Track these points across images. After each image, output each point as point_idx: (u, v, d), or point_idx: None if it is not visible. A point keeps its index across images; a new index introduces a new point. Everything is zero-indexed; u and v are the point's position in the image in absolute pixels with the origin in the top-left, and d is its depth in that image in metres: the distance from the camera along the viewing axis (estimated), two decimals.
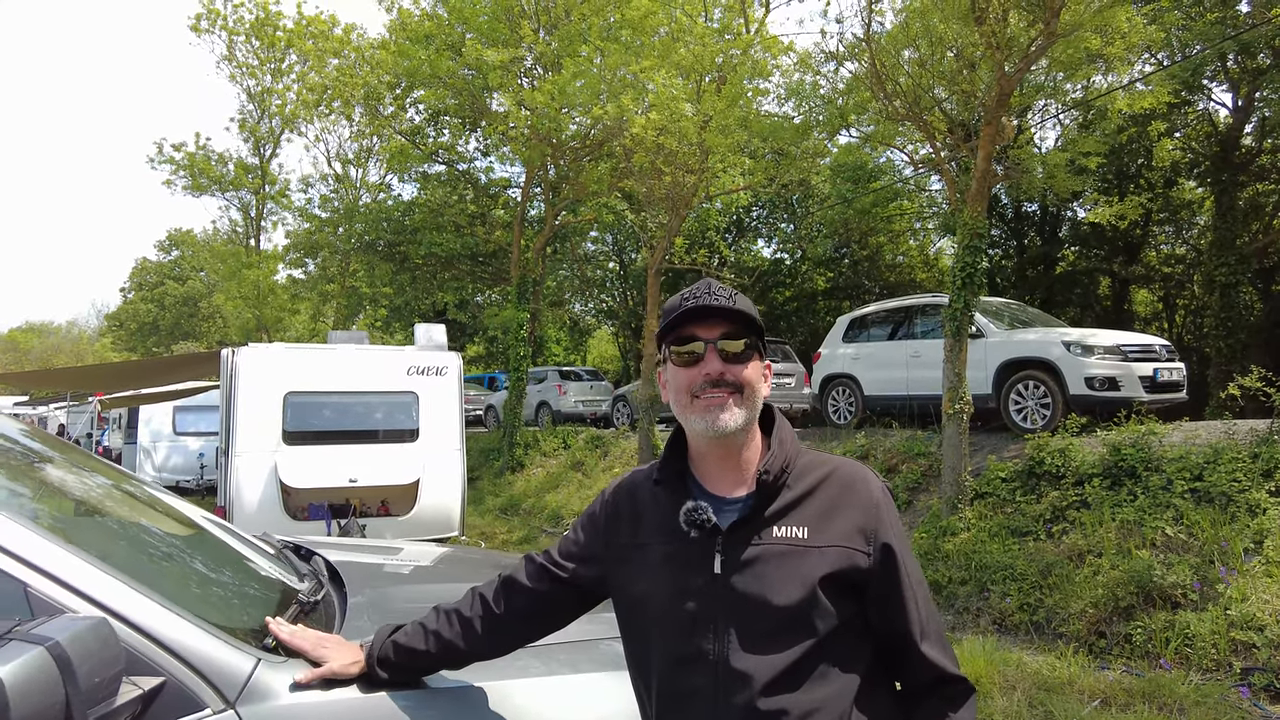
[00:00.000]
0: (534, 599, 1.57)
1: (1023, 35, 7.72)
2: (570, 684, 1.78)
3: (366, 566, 2.66)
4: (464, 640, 1.57)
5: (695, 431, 1.38)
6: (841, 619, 1.30)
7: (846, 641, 1.31)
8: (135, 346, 39.64)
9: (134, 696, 1.33)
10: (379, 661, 1.58)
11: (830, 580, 1.29)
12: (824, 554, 1.30)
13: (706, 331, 1.37)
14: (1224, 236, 14.44)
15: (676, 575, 1.36)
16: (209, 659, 1.45)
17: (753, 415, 1.39)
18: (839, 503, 1.35)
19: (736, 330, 1.37)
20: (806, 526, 1.32)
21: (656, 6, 11.54)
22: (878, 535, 1.33)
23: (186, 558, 2.01)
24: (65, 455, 2.14)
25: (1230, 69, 14.15)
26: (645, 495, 1.48)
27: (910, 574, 1.35)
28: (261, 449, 7.73)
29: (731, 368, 1.36)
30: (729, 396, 1.35)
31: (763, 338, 1.41)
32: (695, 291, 1.38)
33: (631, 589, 1.44)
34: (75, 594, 1.37)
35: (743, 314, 1.36)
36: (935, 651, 1.34)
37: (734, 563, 1.32)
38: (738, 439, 1.38)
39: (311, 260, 21.01)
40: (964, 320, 7.93)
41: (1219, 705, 4.51)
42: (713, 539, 1.34)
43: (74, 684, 1.18)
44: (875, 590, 1.33)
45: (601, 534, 1.52)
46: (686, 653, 1.33)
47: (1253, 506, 5.91)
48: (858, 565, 1.31)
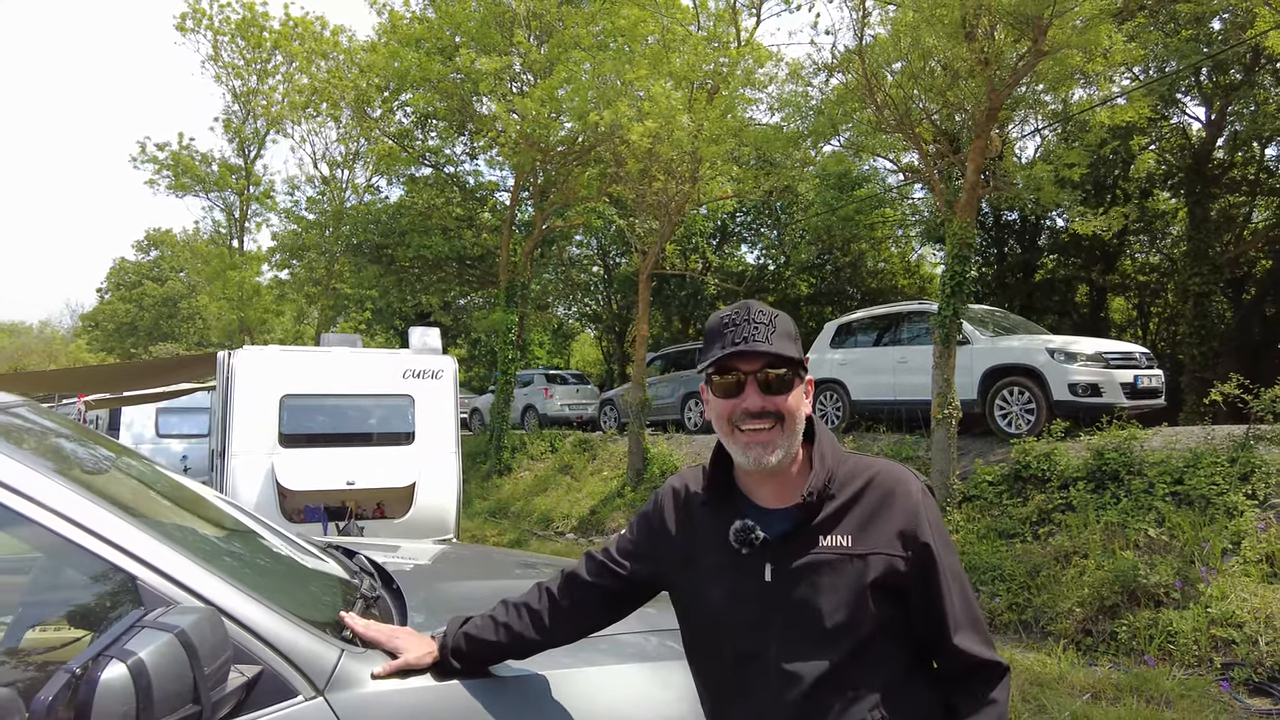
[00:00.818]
0: (596, 593, 1.67)
1: (1010, 51, 7.94)
2: (626, 673, 1.89)
3: (410, 566, 2.74)
4: (533, 630, 1.67)
5: (738, 460, 1.44)
6: (887, 620, 1.37)
7: (890, 639, 1.39)
8: (112, 348, 39.06)
9: (241, 683, 1.42)
10: (453, 652, 1.67)
11: (876, 586, 1.36)
12: (868, 561, 1.37)
13: (747, 364, 1.40)
14: (1197, 247, 14.84)
15: (730, 583, 1.44)
16: (300, 649, 1.54)
17: (795, 442, 1.43)
18: (880, 509, 1.41)
19: (776, 360, 1.39)
20: (851, 534, 1.39)
21: (647, 15, 11.69)
22: (917, 536, 1.39)
23: (257, 554, 2.09)
24: (133, 459, 2.22)
25: (1204, 84, 14.56)
26: (696, 508, 1.55)
27: (947, 570, 1.40)
28: (258, 451, 7.74)
29: (773, 399, 1.39)
30: (770, 427, 1.39)
31: (804, 363, 1.45)
32: (736, 321, 1.40)
33: (687, 593, 1.54)
34: (181, 588, 1.46)
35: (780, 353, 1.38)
36: (969, 641, 1.39)
37: (784, 572, 1.39)
38: (782, 466, 1.42)
39: (297, 261, 20.89)
40: (953, 328, 8.13)
41: (1201, 698, 4.70)
42: (764, 551, 1.41)
43: (199, 668, 1.28)
44: (915, 590, 1.40)
45: (656, 536, 1.61)
46: (740, 654, 1.42)
47: (1230, 509, 6.14)
48: (897, 569, 1.37)
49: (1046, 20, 7.26)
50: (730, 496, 1.49)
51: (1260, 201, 16.98)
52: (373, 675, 1.61)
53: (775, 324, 1.41)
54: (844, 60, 9.45)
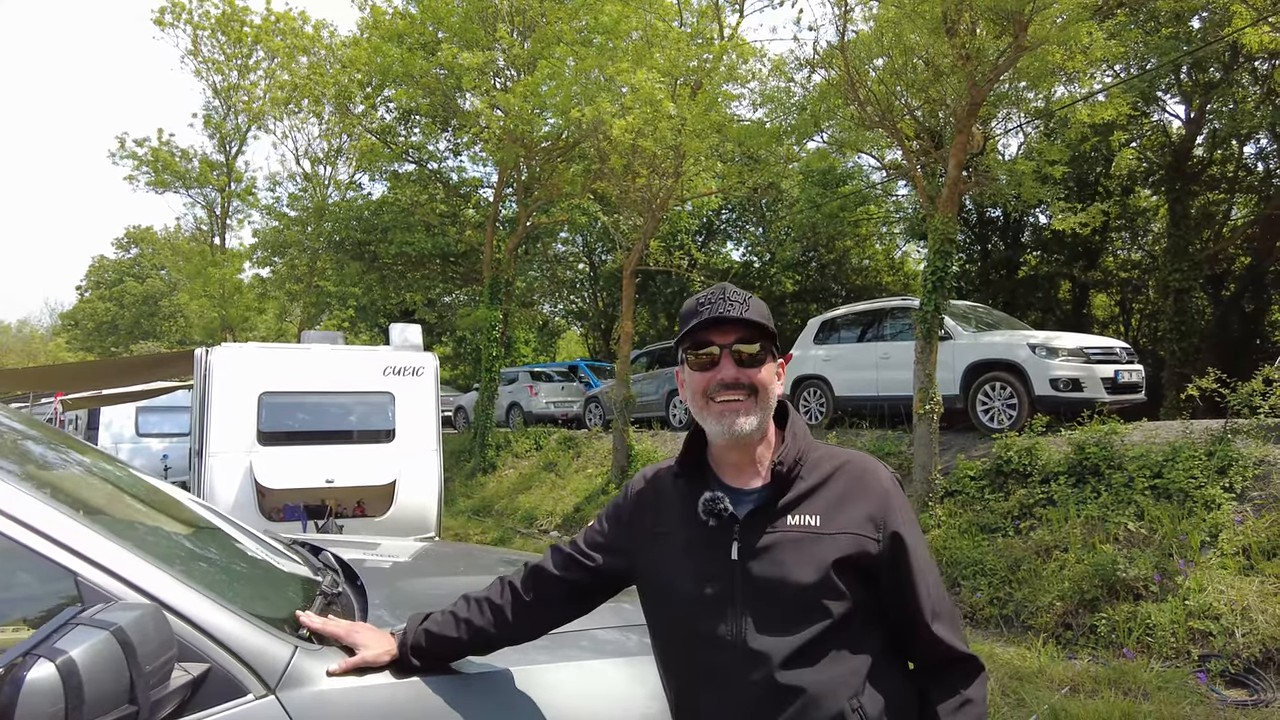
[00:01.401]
0: (562, 587, 1.64)
1: (991, 47, 7.95)
2: (592, 669, 1.86)
3: (374, 561, 2.70)
4: (495, 626, 1.64)
5: (712, 433, 1.46)
6: (854, 602, 1.37)
7: (859, 624, 1.38)
8: (92, 346, 38.63)
9: (185, 681, 1.37)
10: (412, 649, 1.63)
11: (842, 564, 1.36)
12: (835, 540, 1.37)
13: (721, 337, 1.43)
14: (1177, 243, 14.97)
15: (697, 561, 1.44)
16: (251, 647, 1.49)
17: (767, 416, 1.46)
18: (850, 493, 1.42)
19: (750, 335, 1.43)
20: (819, 515, 1.40)
21: (630, 11, 11.64)
22: (887, 524, 1.40)
23: (213, 550, 2.04)
24: (91, 455, 2.16)
25: (1183, 82, 14.67)
26: (667, 488, 1.56)
27: (919, 559, 1.41)
28: (236, 449, 7.65)
29: (746, 371, 1.42)
30: (744, 400, 1.42)
31: (776, 340, 1.48)
32: (711, 299, 1.44)
33: (655, 574, 1.52)
34: (124, 584, 1.41)
35: (756, 322, 1.43)
36: (946, 632, 1.40)
37: (750, 549, 1.39)
38: (753, 438, 1.45)
39: (279, 259, 20.71)
40: (934, 323, 8.14)
41: (1179, 690, 4.72)
42: (730, 527, 1.41)
43: (137, 667, 1.23)
44: (886, 576, 1.40)
45: (626, 525, 1.60)
46: (707, 634, 1.40)
47: (1208, 502, 6.17)
48: (867, 551, 1.38)
49: (1027, 16, 7.28)
50: (702, 475, 1.51)
51: (1239, 199, 17.15)
52: (328, 673, 1.57)
53: (750, 303, 1.44)
54: (826, 56, 9.44)
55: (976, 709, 1.39)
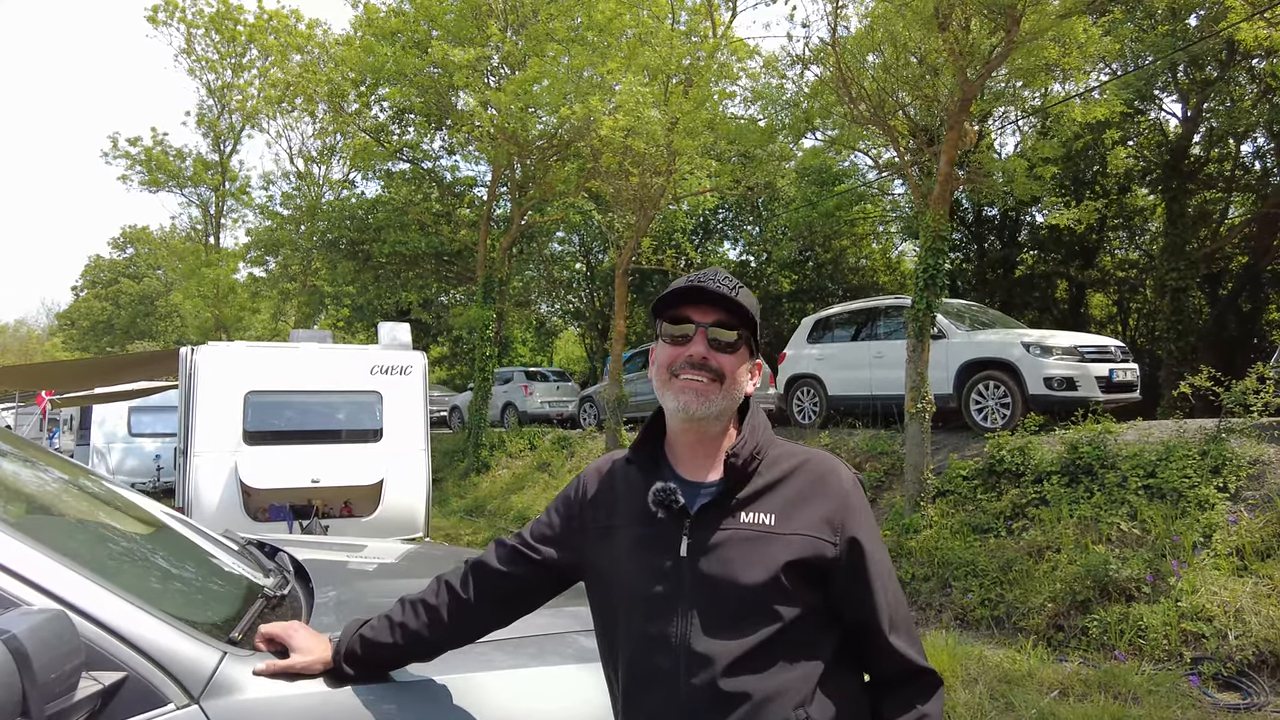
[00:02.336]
0: (506, 582, 1.55)
1: (984, 43, 7.88)
2: (537, 676, 1.78)
3: (332, 563, 2.62)
4: (430, 629, 1.55)
5: (669, 410, 1.40)
6: (806, 607, 1.30)
7: (811, 629, 1.32)
8: (88, 346, 38.54)
9: (94, 691, 1.29)
10: (346, 656, 1.55)
11: (794, 567, 1.29)
12: (789, 541, 1.31)
13: (701, 315, 1.38)
14: (1174, 242, 14.89)
15: (645, 557, 1.36)
16: (172, 653, 1.41)
17: (729, 406, 1.39)
18: (808, 493, 1.35)
19: (731, 320, 1.38)
20: (774, 514, 1.33)
21: (623, 9, 11.57)
22: (845, 527, 1.33)
23: (148, 553, 1.96)
24: (20, 449, 2.08)
25: (1180, 80, 14.60)
26: (619, 478, 1.49)
27: (878, 566, 1.35)
28: (221, 449, 7.57)
29: (716, 355, 1.37)
30: (709, 383, 1.36)
31: (756, 334, 1.42)
32: (700, 275, 1.39)
33: (603, 569, 1.44)
34: (31, 587, 1.34)
35: (740, 306, 1.37)
36: (903, 643, 1.34)
37: (700, 546, 1.33)
38: (710, 426, 1.39)
39: (273, 258, 20.62)
40: (926, 321, 8.07)
41: (1170, 694, 4.64)
42: (681, 521, 1.34)
43: (31, 678, 1.14)
44: (842, 581, 1.33)
45: (576, 516, 1.51)
46: (652, 633, 1.33)
47: (1202, 502, 6.10)
48: (823, 554, 1.31)
49: (1020, 10, 7.20)
50: (657, 466, 1.44)
51: (1236, 197, 17.07)
52: (254, 672, 1.49)
53: (739, 292, 1.38)
54: (818, 53, 9.37)
55: None
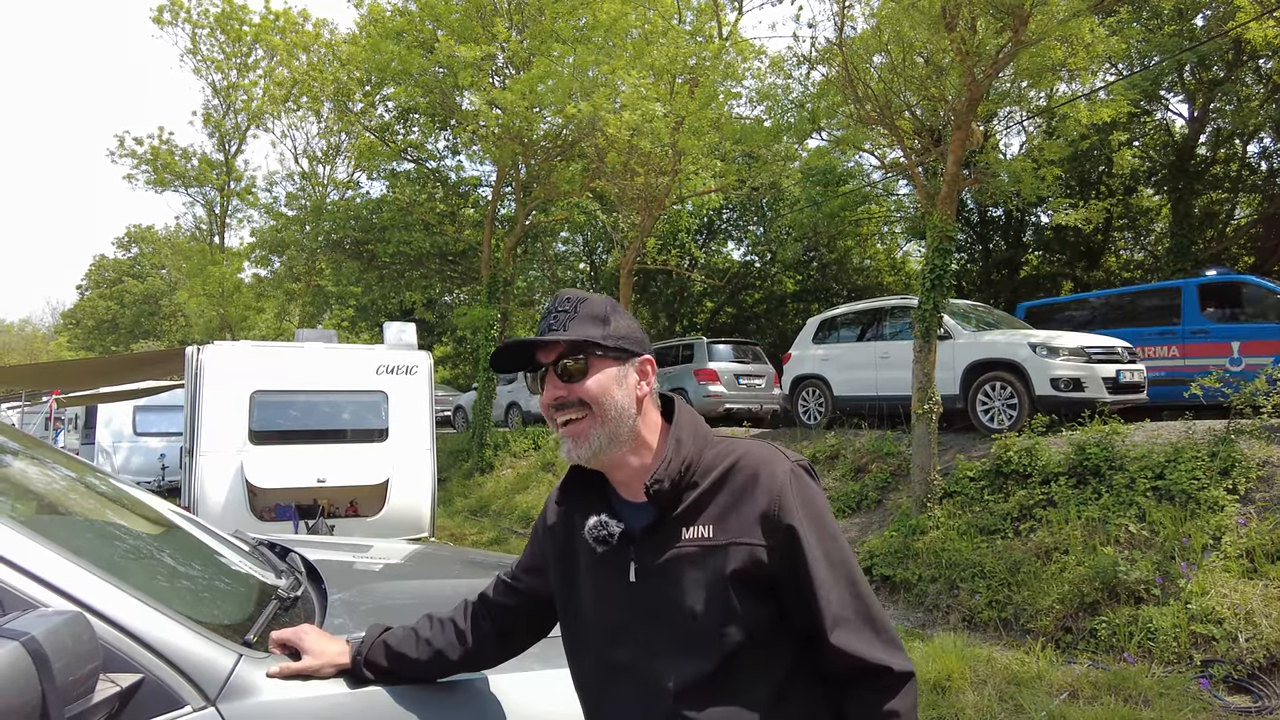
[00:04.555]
0: (506, 615, 1.58)
1: (991, 43, 7.85)
2: (549, 678, 1.76)
3: (340, 564, 2.61)
4: (457, 650, 1.56)
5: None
6: (758, 621, 1.24)
7: (764, 646, 1.25)
8: (93, 345, 38.62)
9: (111, 694, 1.29)
10: (366, 662, 1.55)
11: (737, 579, 1.23)
12: (728, 552, 1.23)
13: (545, 354, 1.32)
14: (1180, 243, 14.86)
15: (599, 583, 1.34)
16: (188, 655, 1.41)
17: (616, 429, 1.30)
18: (742, 494, 1.27)
19: (570, 347, 1.30)
20: (712, 524, 1.26)
21: (629, 9, 11.56)
22: (780, 519, 1.23)
23: (162, 553, 1.95)
24: (34, 450, 2.07)
25: (1187, 80, 14.56)
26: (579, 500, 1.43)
27: (820, 556, 1.24)
28: (227, 449, 7.57)
29: (571, 387, 1.29)
30: (582, 417, 1.29)
31: (600, 345, 1.30)
32: (544, 314, 1.35)
33: (564, 596, 1.44)
34: (49, 589, 1.33)
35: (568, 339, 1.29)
36: (854, 640, 1.22)
37: (648, 569, 1.28)
38: (610, 456, 1.31)
39: (277, 258, 20.64)
40: (933, 322, 8.04)
41: (1180, 696, 4.61)
42: (627, 546, 1.30)
43: (50, 680, 1.14)
44: (784, 582, 1.24)
45: (542, 543, 1.51)
46: (608, 661, 1.32)
47: (1211, 504, 6.07)
48: (759, 559, 1.23)
49: (1027, 10, 7.18)
50: (602, 490, 1.39)
51: (1242, 198, 17.03)
52: (267, 674, 1.49)
53: (579, 309, 1.32)
54: (824, 53, 9.34)
55: None
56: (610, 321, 1.33)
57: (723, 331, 20.99)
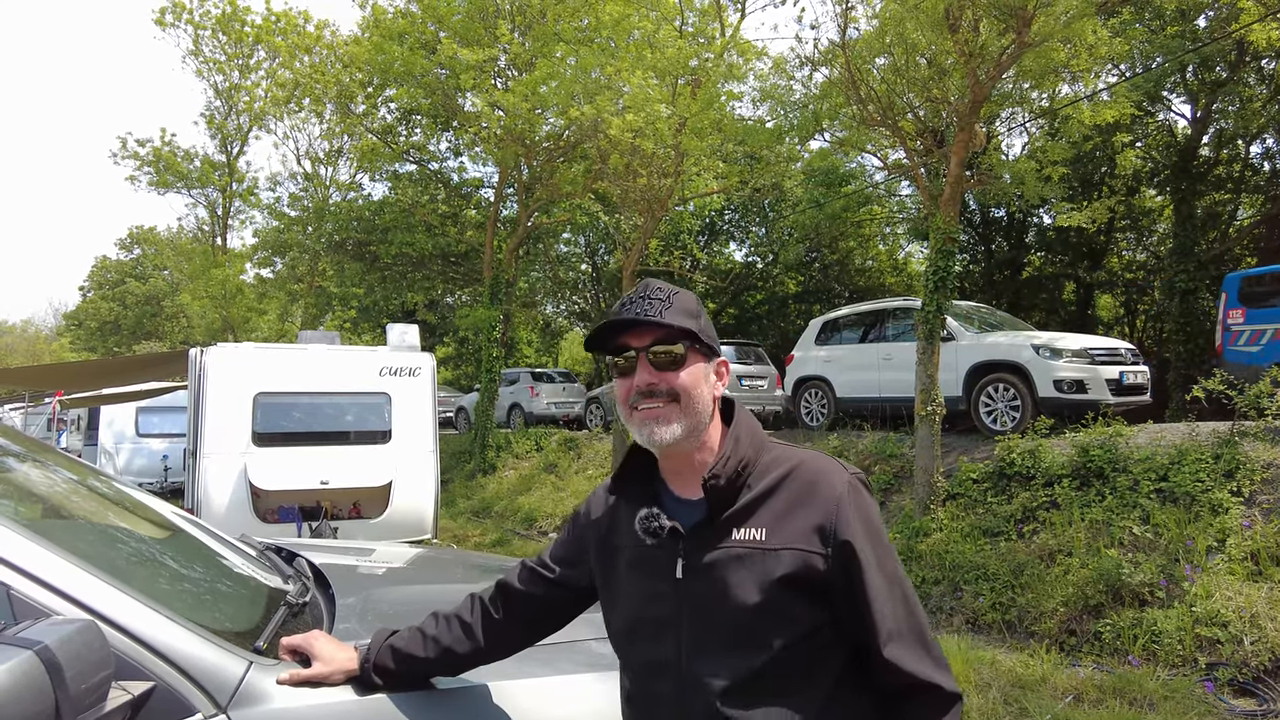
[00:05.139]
0: (529, 602, 1.57)
1: (994, 44, 7.85)
2: (555, 685, 1.77)
3: (344, 568, 2.61)
4: (465, 645, 1.56)
5: (639, 441, 1.36)
6: (805, 626, 1.24)
7: (812, 650, 1.25)
8: (95, 346, 38.66)
9: (124, 702, 1.29)
10: (375, 667, 1.55)
11: (787, 584, 1.23)
12: (779, 556, 1.24)
13: (638, 339, 1.33)
14: (1183, 244, 14.82)
15: (644, 580, 1.34)
16: (200, 663, 1.41)
17: (696, 421, 1.33)
18: (798, 502, 1.28)
19: (669, 335, 1.32)
20: (765, 528, 1.27)
21: (631, 10, 11.55)
22: (837, 533, 1.25)
23: (169, 559, 1.95)
24: (37, 453, 2.08)
25: (1189, 81, 14.54)
26: (625, 495, 1.45)
27: (876, 571, 1.25)
28: (230, 450, 7.58)
29: (665, 375, 1.31)
30: (666, 405, 1.31)
31: (699, 339, 1.34)
32: (631, 299, 1.34)
33: (608, 592, 1.44)
34: (61, 597, 1.33)
35: (669, 321, 1.30)
36: (907, 656, 1.24)
37: (695, 567, 1.28)
38: (684, 446, 1.33)
39: (280, 259, 20.66)
40: (936, 323, 8.04)
41: (1185, 699, 4.61)
42: (675, 543, 1.30)
43: (63, 689, 1.14)
44: (839, 592, 1.25)
45: (581, 537, 1.52)
46: (652, 658, 1.32)
47: (1216, 506, 6.06)
48: (814, 567, 1.24)
49: (1030, 12, 7.17)
50: (651, 484, 1.41)
51: (1245, 199, 17.00)
52: (277, 681, 1.49)
53: (672, 300, 1.34)
54: (827, 54, 9.34)
55: None
56: (700, 317, 1.36)
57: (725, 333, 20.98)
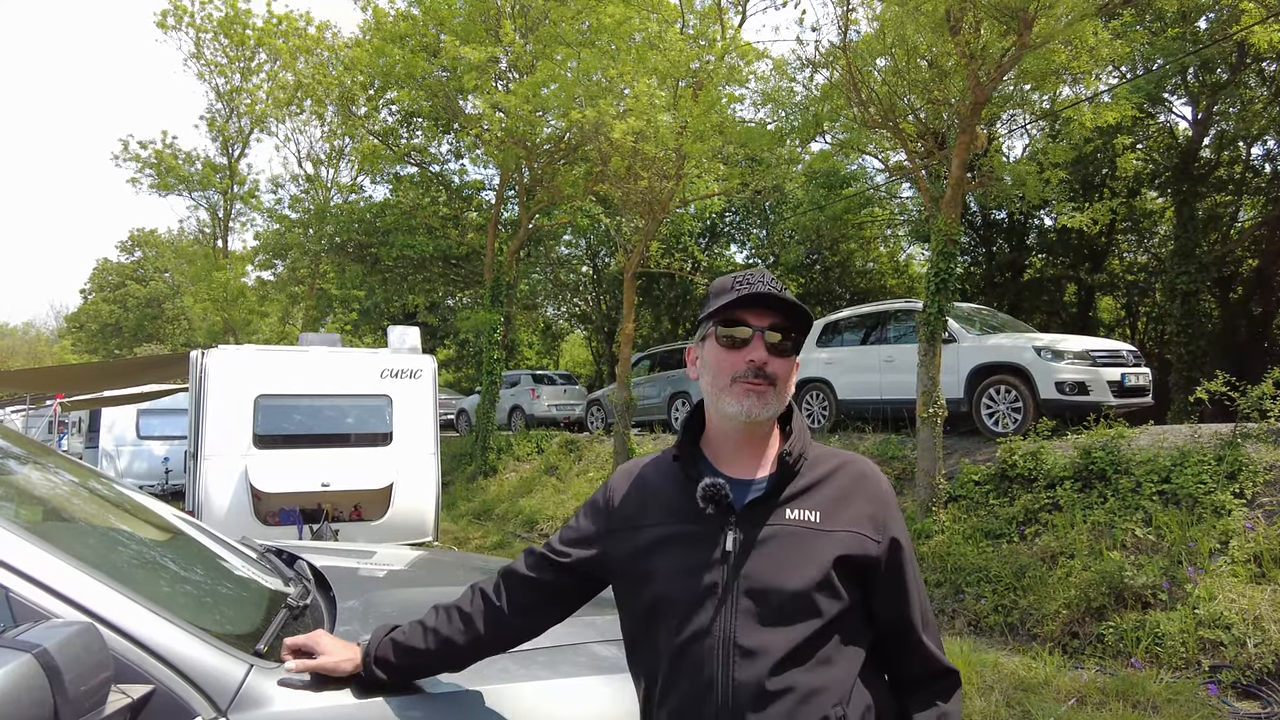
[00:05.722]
0: (535, 589, 1.55)
1: (995, 46, 7.84)
2: (558, 687, 1.76)
3: (345, 570, 2.61)
4: (465, 636, 1.54)
5: (727, 414, 1.39)
6: (849, 603, 1.33)
7: (851, 626, 1.35)
8: (96, 349, 38.68)
9: (123, 705, 1.28)
10: (376, 661, 1.54)
11: (842, 563, 1.33)
12: (835, 537, 1.34)
13: (756, 319, 1.38)
14: (1184, 246, 14.81)
15: (685, 554, 1.37)
16: (199, 666, 1.40)
17: (781, 407, 1.42)
18: (851, 491, 1.39)
19: (783, 324, 1.39)
20: (819, 511, 1.36)
21: (632, 12, 11.55)
22: (887, 527, 1.38)
23: (170, 561, 1.95)
24: (39, 456, 2.07)
25: (1190, 83, 14.54)
26: (649, 479, 1.50)
27: (913, 566, 1.42)
28: (231, 453, 7.58)
29: (773, 360, 1.38)
30: (766, 387, 1.37)
31: (804, 336, 1.44)
32: (750, 278, 1.40)
33: (636, 569, 1.43)
34: (60, 599, 1.32)
35: (793, 307, 1.38)
36: (932, 643, 1.41)
37: (748, 541, 1.34)
38: (764, 427, 1.43)
39: (281, 262, 20.67)
40: (938, 325, 8.03)
41: (1189, 702, 4.60)
42: (725, 518, 1.36)
43: (63, 692, 1.13)
44: (882, 579, 1.37)
45: (604, 518, 1.52)
46: (694, 630, 1.33)
47: (1218, 508, 6.04)
48: (868, 552, 1.35)
49: (1031, 14, 7.16)
50: (696, 465, 1.45)
51: (1247, 200, 16.99)
52: (286, 670, 1.50)
53: (786, 291, 1.41)
54: (828, 56, 9.34)
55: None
56: (809, 316, 1.44)
57: None
